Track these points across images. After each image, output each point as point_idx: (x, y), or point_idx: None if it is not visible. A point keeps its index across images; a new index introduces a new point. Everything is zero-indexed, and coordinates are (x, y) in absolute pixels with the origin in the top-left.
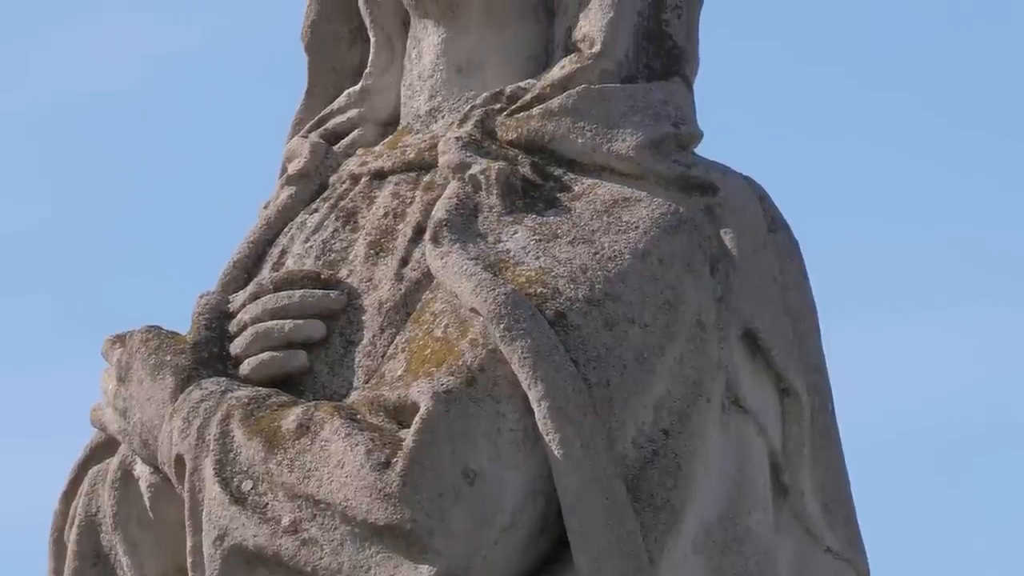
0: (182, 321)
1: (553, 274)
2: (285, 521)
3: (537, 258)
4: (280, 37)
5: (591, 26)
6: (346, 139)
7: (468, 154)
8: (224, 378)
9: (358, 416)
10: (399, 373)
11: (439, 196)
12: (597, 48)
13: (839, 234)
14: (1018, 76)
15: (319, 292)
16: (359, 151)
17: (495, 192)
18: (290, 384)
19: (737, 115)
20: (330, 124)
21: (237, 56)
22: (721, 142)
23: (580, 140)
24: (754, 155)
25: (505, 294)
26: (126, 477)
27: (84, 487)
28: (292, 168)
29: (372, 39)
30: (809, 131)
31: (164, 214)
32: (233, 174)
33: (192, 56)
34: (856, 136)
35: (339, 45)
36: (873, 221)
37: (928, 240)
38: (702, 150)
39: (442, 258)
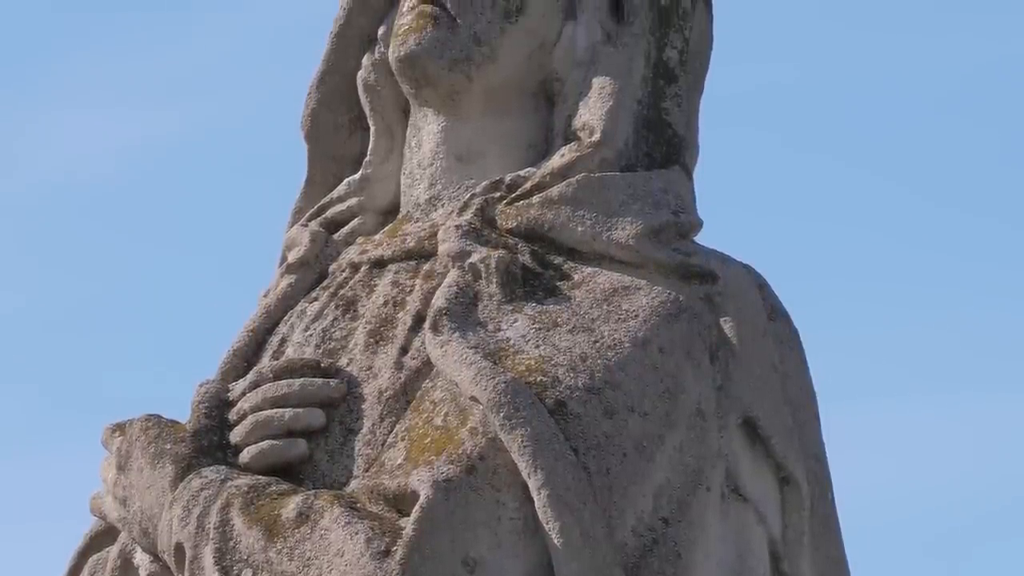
0: (168, 406)
1: (553, 363)
2: None
3: (537, 347)
4: (262, 123)
5: (591, 115)
6: (346, 228)
7: (468, 242)
8: (224, 466)
9: (358, 505)
10: (399, 462)
11: (439, 285)
12: (597, 137)
13: (839, 322)
14: (1010, 164)
15: (319, 381)
16: (359, 240)
17: (495, 281)
18: (290, 472)
19: (737, 204)
20: (330, 213)
21: (218, 142)
22: (721, 230)
23: (580, 228)
24: (754, 244)
25: (505, 382)
26: (126, 565)
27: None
28: (292, 257)
29: (372, 128)
30: (809, 220)
31: (149, 301)
32: (216, 258)
33: (172, 143)
34: (856, 225)
35: (339, 134)
36: (872, 309)
37: (928, 327)
38: (702, 238)
39: (442, 347)
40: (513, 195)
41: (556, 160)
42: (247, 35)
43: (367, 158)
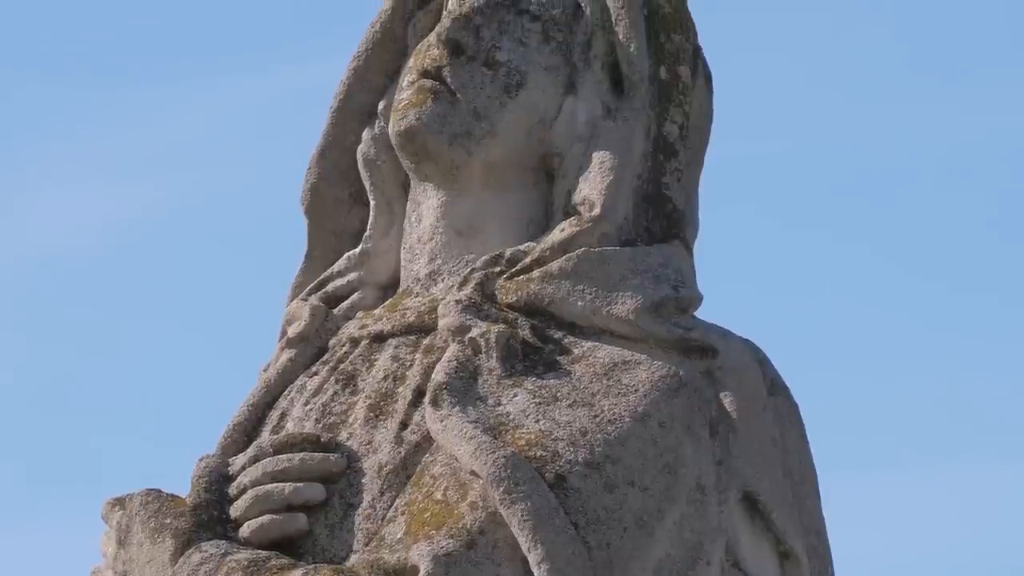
0: (165, 480)
1: (553, 437)
2: None
3: (537, 421)
4: (249, 196)
5: (591, 189)
6: (346, 302)
7: (468, 317)
8: (224, 541)
9: None
10: (399, 536)
11: (439, 359)
12: (597, 211)
13: (839, 396)
14: (1005, 239)
15: (319, 455)
16: (359, 314)
17: (495, 355)
18: (290, 547)
19: (737, 278)
20: (330, 287)
21: (206, 216)
22: (721, 305)
23: (580, 303)
24: (753, 318)
25: (505, 457)
26: None
27: None
28: (292, 331)
29: (372, 202)
30: (808, 294)
31: (144, 375)
32: (205, 332)
33: (160, 217)
34: (855, 299)
35: (339, 208)
36: (872, 383)
37: (928, 401)
38: (702, 313)
39: (442, 421)
40: (513, 270)
41: (556, 235)
42: (232, 109)
43: (367, 233)
